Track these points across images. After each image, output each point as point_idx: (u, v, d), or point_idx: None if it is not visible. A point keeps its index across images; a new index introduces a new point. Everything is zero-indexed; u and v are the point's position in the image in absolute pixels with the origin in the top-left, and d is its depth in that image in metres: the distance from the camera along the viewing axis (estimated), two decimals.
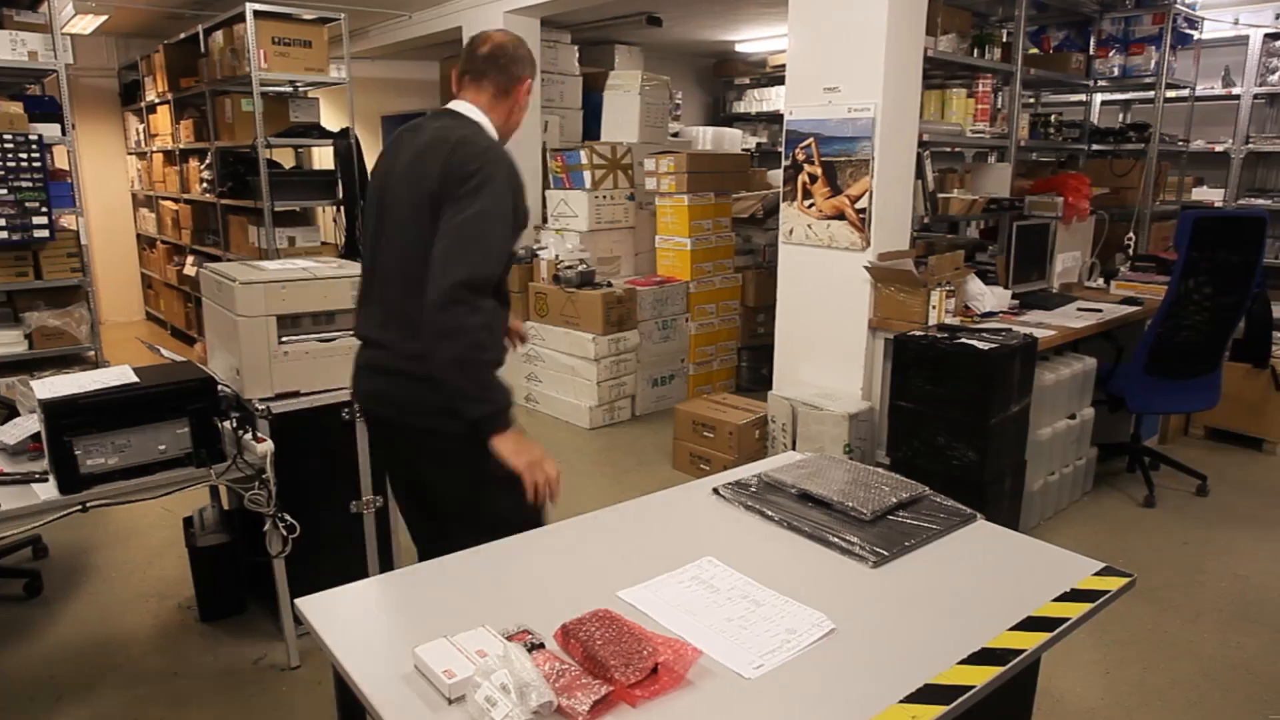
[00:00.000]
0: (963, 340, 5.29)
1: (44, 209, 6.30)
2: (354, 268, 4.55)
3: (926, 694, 2.03)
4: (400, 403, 3.27)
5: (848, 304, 6.33)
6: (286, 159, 10.88)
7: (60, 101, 6.65)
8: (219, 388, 4.06)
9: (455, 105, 3.39)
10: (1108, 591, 2.50)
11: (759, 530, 2.89)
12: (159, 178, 12.44)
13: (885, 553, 2.66)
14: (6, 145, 6.13)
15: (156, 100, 11.71)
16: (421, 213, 3.12)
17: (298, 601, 2.38)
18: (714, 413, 7.14)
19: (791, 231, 6.62)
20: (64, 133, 6.60)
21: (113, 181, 13.46)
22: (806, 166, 6.40)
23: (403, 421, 3.31)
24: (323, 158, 11.30)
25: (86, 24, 11.11)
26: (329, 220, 9.76)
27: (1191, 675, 4.49)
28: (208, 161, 10.22)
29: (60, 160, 7.23)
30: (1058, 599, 2.45)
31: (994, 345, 5.19)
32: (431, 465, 3.39)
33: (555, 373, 8.79)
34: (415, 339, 3.05)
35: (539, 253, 9.15)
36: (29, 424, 4.00)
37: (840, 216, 6.25)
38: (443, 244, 3.01)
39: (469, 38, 3.55)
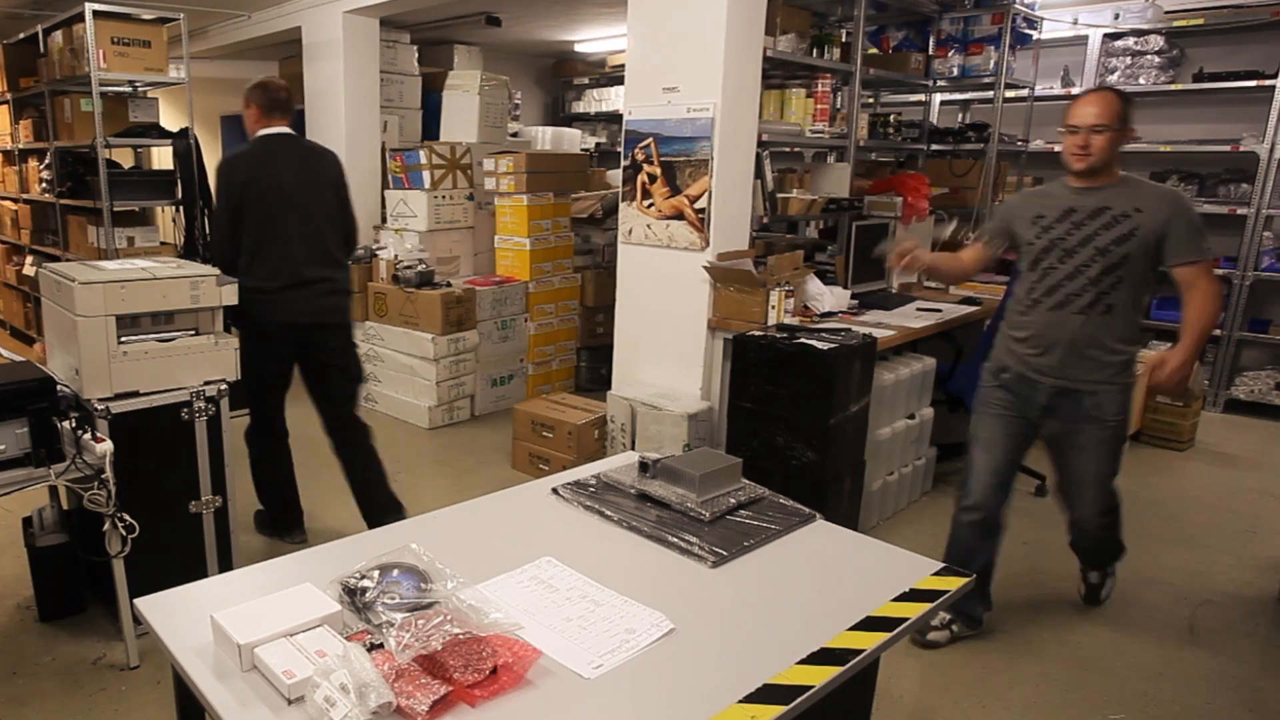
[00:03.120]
0: (802, 340, 5.30)
1: None
2: (193, 268, 4.66)
3: (766, 694, 2.02)
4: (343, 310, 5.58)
5: (687, 304, 6.32)
6: (126, 159, 10.65)
7: None
8: (58, 388, 4.07)
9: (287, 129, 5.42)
10: (947, 591, 2.51)
11: (598, 530, 2.86)
12: None
13: (724, 553, 2.64)
14: None
15: None
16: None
17: (137, 601, 2.33)
18: (553, 413, 7.09)
19: (630, 231, 6.59)
20: None
21: None
22: (646, 166, 6.38)
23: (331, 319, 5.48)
24: (162, 158, 11.10)
25: None
26: (168, 220, 9.56)
27: (1030, 674, 4.55)
28: (47, 161, 9.99)
29: None
30: (897, 599, 2.46)
31: (833, 345, 5.21)
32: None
33: (394, 373, 8.68)
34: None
35: (378, 253, 9.03)
36: None
37: (679, 216, 6.24)
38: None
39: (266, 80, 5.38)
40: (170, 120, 9.75)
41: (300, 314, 5.31)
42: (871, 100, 9.32)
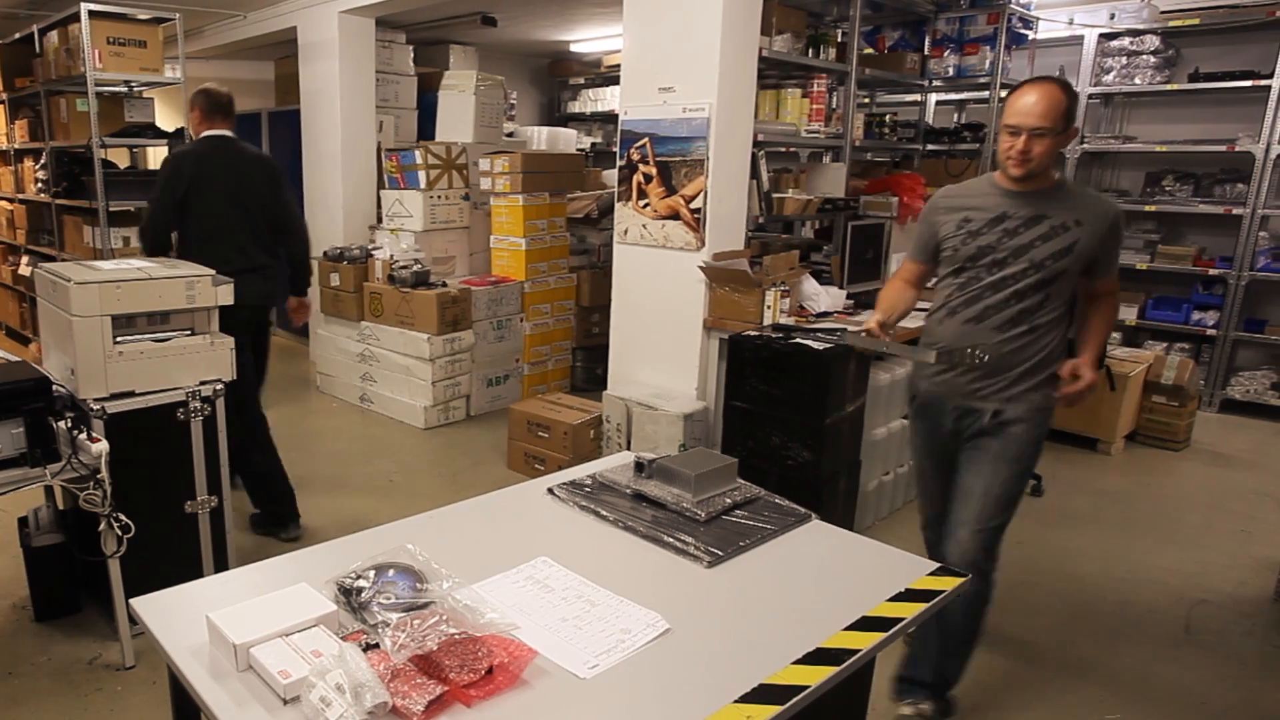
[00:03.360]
0: (797, 340, 5.30)
1: None
2: (189, 268, 4.66)
3: (761, 694, 2.02)
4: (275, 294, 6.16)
5: (683, 304, 6.32)
6: (121, 159, 10.66)
7: None
8: (54, 388, 4.05)
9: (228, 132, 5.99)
10: (942, 591, 2.50)
11: (594, 530, 2.86)
12: None
13: (720, 553, 2.64)
14: None
15: None
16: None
17: (133, 601, 2.33)
18: (549, 413, 7.08)
19: (626, 231, 6.59)
20: None
21: None
22: (641, 166, 6.38)
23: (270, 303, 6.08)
24: (157, 158, 11.06)
25: None
26: None
27: (1026, 675, 4.55)
28: (42, 161, 10.00)
29: None
30: (892, 599, 2.45)
31: (829, 345, 5.21)
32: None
33: (390, 372, 8.67)
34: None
35: (374, 252, 9.02)
36: None
37: (675, 216, 6.23)
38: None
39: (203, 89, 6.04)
40: (166, 120, 9.75)
41: (253, 296, 5.66)
42: (867, 100, 9.31)
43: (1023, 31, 8.63)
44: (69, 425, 3.96)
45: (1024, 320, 3.84)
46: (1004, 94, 8.43)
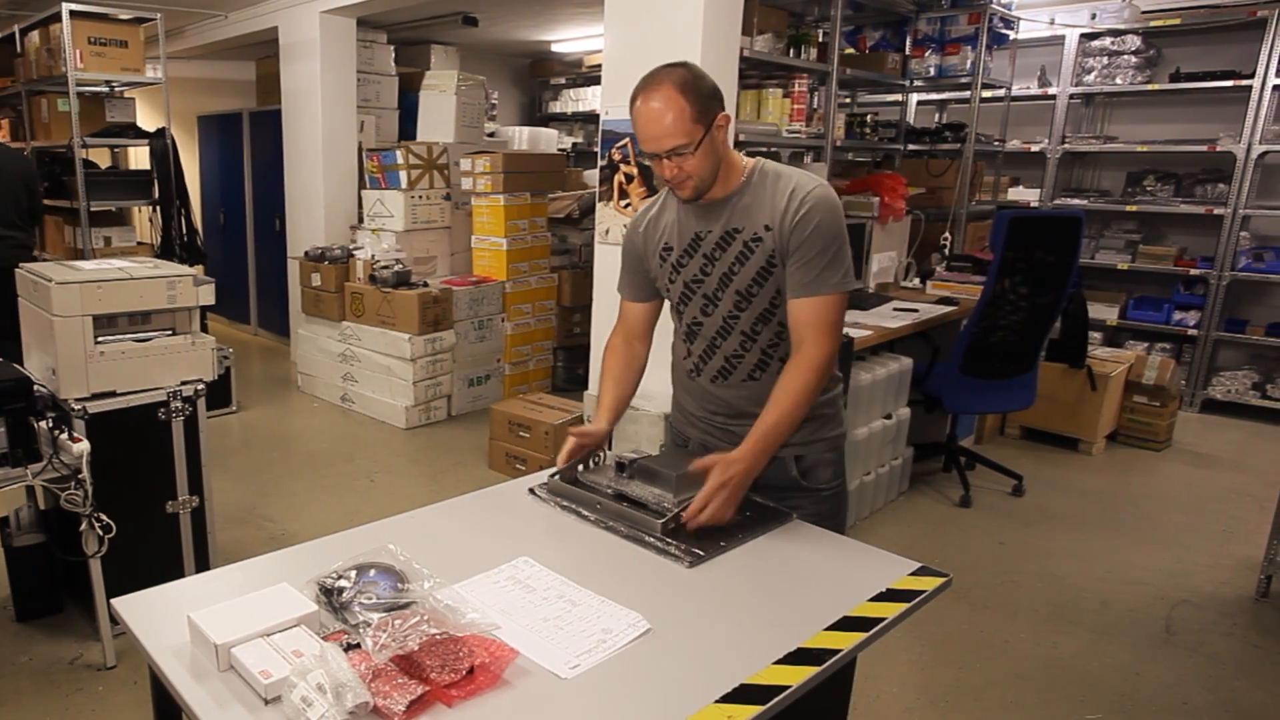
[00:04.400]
0: None
1: None
2: (170, 268, 4.71)
3: (742, 694, 2.01)
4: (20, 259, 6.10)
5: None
6: (103, 159, 10.63)
7: None
8: (35, 387, 4.04)
9: None
10: (924, 591, 2.49)
11: (575, 530, 2.85)
12: None
13: (701, 553, 2.63)
14: None
15: None
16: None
17: (114, 601, 2.31)
18: (530, 413, 7.08)
19: (608, 231, 6.58)
20: None
21: None
22: (622, 166, 6.37)
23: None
24: (139, 158, 11.07)
25: None
26: (145, 220, 9.56)
27: (1007, 674, 4.55)
28: None
29: None
30: (874, 599, 2.44)
31: None
32: None
33: (371, 373, 8.66)
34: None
35: (355, 252, 9.00)
36: None
37: None
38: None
39: None
40: (147, 120, 9.72)
41: (2, 260, 6.60)
42: (848, 100, 9.30)
43: (1004, 31, 8.62)
44: (50, 425, 3.96)
45: (773, 356, 3.08)
46: (985, 94, 8.47)
